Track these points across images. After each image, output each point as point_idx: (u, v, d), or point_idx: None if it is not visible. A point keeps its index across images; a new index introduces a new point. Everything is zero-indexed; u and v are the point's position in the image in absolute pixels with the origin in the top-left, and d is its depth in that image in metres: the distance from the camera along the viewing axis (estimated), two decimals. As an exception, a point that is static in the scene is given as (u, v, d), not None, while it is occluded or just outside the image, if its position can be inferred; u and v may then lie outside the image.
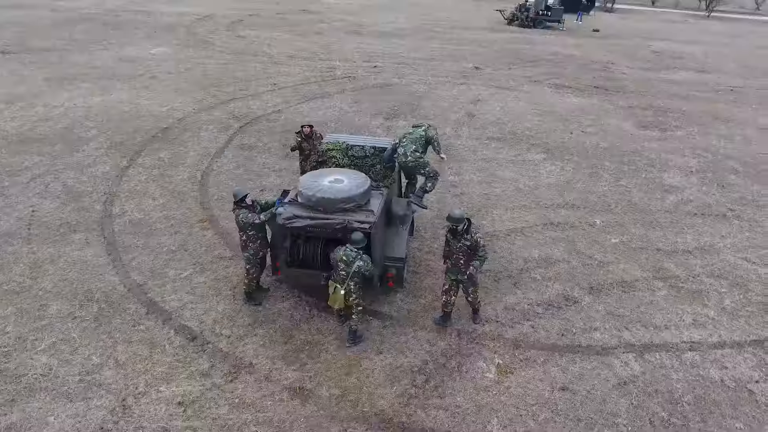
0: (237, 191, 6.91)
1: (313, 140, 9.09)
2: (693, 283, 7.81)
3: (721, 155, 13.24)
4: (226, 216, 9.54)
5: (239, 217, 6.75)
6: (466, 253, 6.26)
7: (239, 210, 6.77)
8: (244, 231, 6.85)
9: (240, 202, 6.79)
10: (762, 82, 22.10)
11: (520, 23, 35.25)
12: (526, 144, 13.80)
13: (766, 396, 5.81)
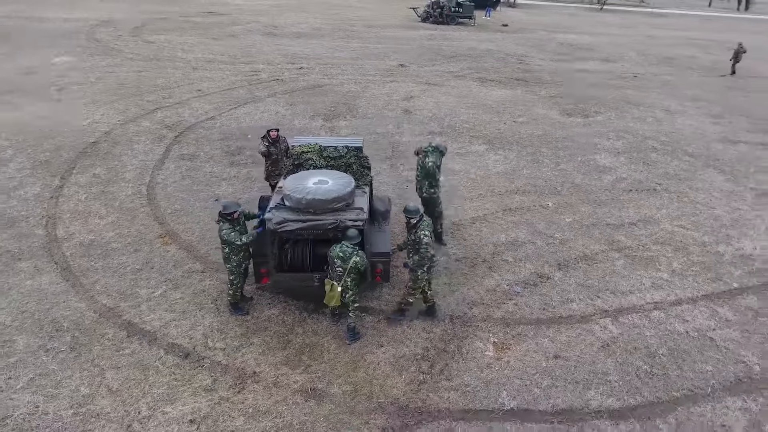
0: (227, 204, 6.85)
1: (279, 144, 9.14)
2: (644, 251, 8.84)
3: (640, 136, 14.83)
4: (186, 229, 9.34)
5: (221, 232, 6.70)
6: (413, 247, 6.64)
7: (223, 224, 6.73)
8: (227, 244, 6.81)
9: (226, 216, 6.75)
10: (659, 68, 24.78)
11: (434, 20, 36.61)
12: (467, 136, 14.59)
13: (724, 340, 6.81)
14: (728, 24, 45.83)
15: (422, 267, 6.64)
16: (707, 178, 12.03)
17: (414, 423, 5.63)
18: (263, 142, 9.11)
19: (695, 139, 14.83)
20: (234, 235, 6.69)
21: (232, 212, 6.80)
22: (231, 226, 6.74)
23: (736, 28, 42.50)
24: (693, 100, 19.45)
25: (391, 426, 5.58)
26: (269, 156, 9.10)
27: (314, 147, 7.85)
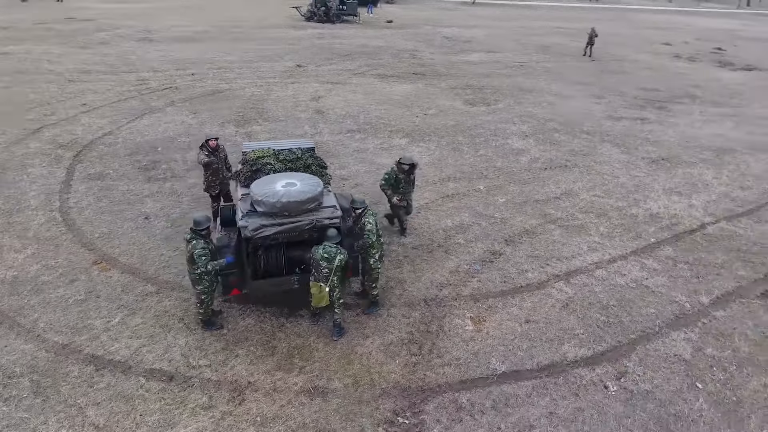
0: (199, 220, 6.71)
1: (219, 153, 9.03)
2: (573, 221, 10.06)
3: (541, 119, 16.49)
4: (123, 252, 8.92)
5: (195, 250, 6.57)
6: (359, 234, 7.05)
7: (197, 241, 6.61)
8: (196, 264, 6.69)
9: (200, 232, 6.64)
10: (538, 56, 27.37)
11: (319, 19, 36.96)
12: (385, 131, 15.24)
13: (657, 286, 8.08)
14: (589, 14, 51.41)
15: (366, 251, 6.98)
16: (606, 152, 13.80)
17: (420, 401, 6.07)
18: (203, 152, 8.94)
19: (586, 118, 16.82)
20: (204, 259, 6.55)
21: (206, 227, 6.71)
22: (205, 243, 6.63)
23: (597, 17, 47.88)
24: (574, 83, 21.87)
25: (400, 407, 5.96)
26: (209, 166, 8.94)
27: (269, 151, 7.93)
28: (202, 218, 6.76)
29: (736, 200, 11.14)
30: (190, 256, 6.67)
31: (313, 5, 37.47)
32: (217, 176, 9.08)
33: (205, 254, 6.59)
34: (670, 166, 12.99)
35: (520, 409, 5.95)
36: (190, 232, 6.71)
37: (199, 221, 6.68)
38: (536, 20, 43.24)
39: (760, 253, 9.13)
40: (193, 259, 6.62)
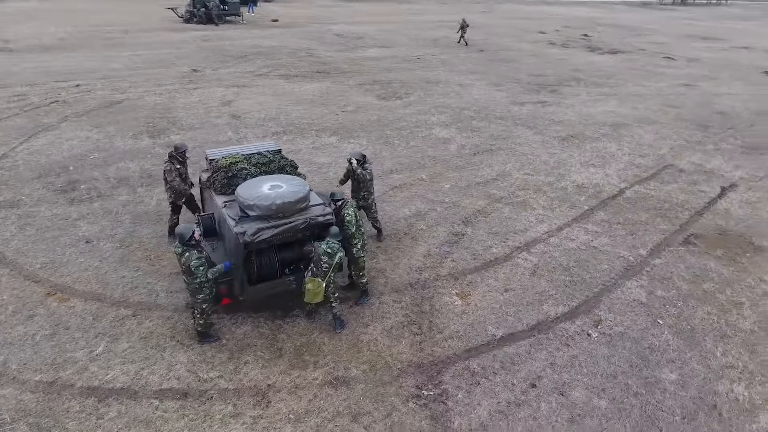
0: (183, 232, 6.66)
1: (186, 162, 8.93)
2: (515, 198, 11.19)
3: (455, 108, 17.72)
4: (77, 280, 8.48)
5: (191, 261, 6.56)
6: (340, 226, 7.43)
7: (190, 253, 6.60)
8: (194, 275, 6.69)
9: (188, 242, 6.62)
10: (431, 49, 28.94)
11: (200, 20, 35.75)
12: (311, 131, 15.53)
13: (603, 246, 9.38)
14: (461, 6, 54.71)
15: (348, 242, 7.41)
16: (521, 135, 15.28)
17: (436, 373, 6.65)
18: (173, 164, 8.75)
19: (494, 105, 18.36)
20: (202, 269, 6.58)
21: (191, 235, 6.70)
22: (199, 254, 6.64)
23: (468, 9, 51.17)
24: (471, 73, 23.57)
25: (421, 382, 6.50)
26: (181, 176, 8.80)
27: (239, 157, 8.00)
28: (185, 230, 6.73)
29: (640, 167, 13.03)
30: (186, 268, 6.63)
31: (191, 6, 36.10)
32: (186, 183, 8.98)
33: (202, 264, 6.61)
34: (579, 142, 14.74)
35: (525, 365, 6.77)
36: (180, 246, 6.66)
37: (183, 233, 6.65)
38: (416, 15, 45.31)
39: (671, 209, 10.88)
40: (190, 271, 6.61)
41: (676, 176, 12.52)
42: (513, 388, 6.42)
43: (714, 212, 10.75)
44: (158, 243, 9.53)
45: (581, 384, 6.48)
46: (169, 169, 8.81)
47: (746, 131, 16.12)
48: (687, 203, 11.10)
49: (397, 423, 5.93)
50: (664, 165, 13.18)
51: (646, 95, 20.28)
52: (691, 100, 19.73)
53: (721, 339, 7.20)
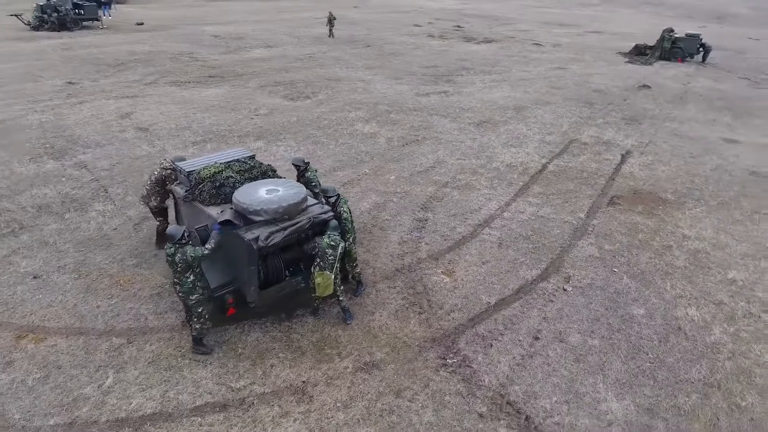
0: (173, 233, 6.76)
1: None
2: (459, 182, 12.28)
3: (369, 104, 18.51)
4: (46, 317, 8.02)
5: (187, 255, 6.67)
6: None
7: (181, 248, 6.70)
8: (191, 269, 6.81)
9: (179, 241, 6.72)
10: (319, 47, 29.38)
11: (51, 27, 32.73)
12: (234, 137, 15.43)
13: (548, 214, 10.76)
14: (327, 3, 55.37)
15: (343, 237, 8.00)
16: (439, 123, 16.50)
17: (452, 343, 7.44)
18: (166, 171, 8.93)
19: (403, 98, 19.44)
20: (198, 249, 6.74)
21: (182, 235, 6.80)
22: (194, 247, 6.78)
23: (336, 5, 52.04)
24: (368, 68, 24.49)
25: (441, 353, 7.24)
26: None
27: (220, 166, 8.06)
28: (176, 230, 6.83)
29: (551, 143, 14.84)
30: (183, 265, 6.71)
31: (40, 12, 32.84)
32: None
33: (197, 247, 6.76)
34: (492, 126, 16.30)
35: (523, 323, 7.79)
36: (172, 246, 6.74)
37: (173, 234, 6.76)
38: (290, 12, 45.21)
39: (590, 177, 12.67)
40: (186, 268, 6.70)
41: (582, 149, 14.47)
42: (521, 344, 7.39)
43: (622, 176, 12.72)
44: (121, 267, 9.20)
45: (573, 330, 7.64)
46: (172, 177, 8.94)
47: (623, 105, 18.87)
48: (599, 171, 12.98)
49: (437, 391, 6.62)
50: (569, 140, 15.12)
51: (531, 79, 22.67)
52: (570, 81, 22.45)
53: (666, 276, 8.83)
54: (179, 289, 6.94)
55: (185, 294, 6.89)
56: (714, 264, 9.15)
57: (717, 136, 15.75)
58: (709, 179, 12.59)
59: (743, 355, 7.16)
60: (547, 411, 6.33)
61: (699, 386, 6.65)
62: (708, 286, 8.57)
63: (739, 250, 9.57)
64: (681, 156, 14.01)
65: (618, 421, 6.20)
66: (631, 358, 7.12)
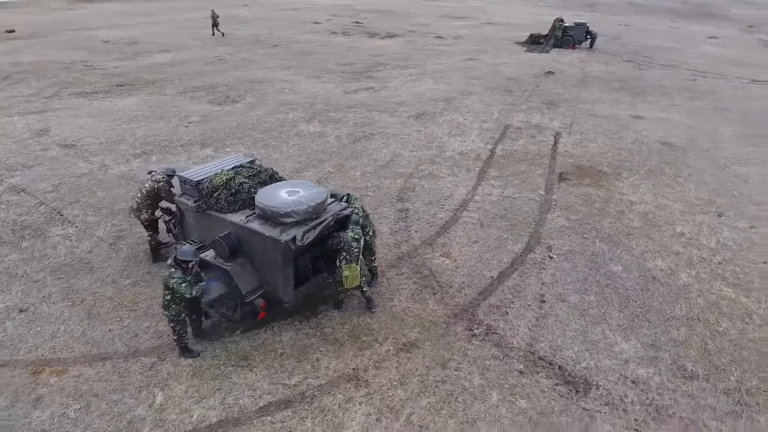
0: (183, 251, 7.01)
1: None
2: (422, 172, 13.13)
3: (304, 104, 18.80)
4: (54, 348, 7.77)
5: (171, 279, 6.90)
6: None
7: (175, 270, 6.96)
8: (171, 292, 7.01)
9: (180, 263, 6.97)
10: (227, 49, 28.85)
11: None
12: (177, 146, 15.14)
13: (513, 194, 11.94)
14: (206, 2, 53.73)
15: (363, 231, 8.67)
16: (381, 119, 17.27)
17: (472, 316, 8.28)
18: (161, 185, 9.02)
19: (334, 96, 19.95)
20: (185, 286, 6.93)
21: (186, 261, 7.00)
22: (183, 275, 6.95)
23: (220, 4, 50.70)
24: (285, 68, 24.62)
25: (468, 326, 8.07)
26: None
27: (230, 173, 8.22)
28: (187, 250, 7.02)
29: (490, 130, 16.20)
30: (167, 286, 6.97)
31: None
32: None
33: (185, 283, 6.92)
34: (430, 118, 17.37)
35: (527, 288, 8.85)
36: (173, 261, 7.00)
37: (183, 252, 6.97)
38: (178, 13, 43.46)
39: (535, 157, 14.13)
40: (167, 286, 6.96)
41: (518, 133, 15.97)
42: (531, 308, 8.43)
43: (561, 154, 14.33)
44: (117, 288, 9.03)
45: (570, 290, 8.83)
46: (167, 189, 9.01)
47: (537, 91, 20.84)
48: (540, 151, 14.50)
49: (476, 358, 7.44)
50: (504, 126, 16.58)
51: (448, 71, 24.13)
52: (484, 71, 24.21)
53: (629, 236, 10.34)
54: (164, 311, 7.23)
55: (161, 306, 7.22)
56: (662, 222, 10.84)
57: (624, 113, 18.05)
58: (633, 152, 14.58)
59: (708, 291, 8.74)
60: (574, 359, 7.39)
61: (684, 321, 8.08)
62: (664, 241, 10.19)
63: (677, 209, 11.39)
64: (603, 133, 15.98)
65: (632, 358, 7.41)
66: (624, 306, 8.42)
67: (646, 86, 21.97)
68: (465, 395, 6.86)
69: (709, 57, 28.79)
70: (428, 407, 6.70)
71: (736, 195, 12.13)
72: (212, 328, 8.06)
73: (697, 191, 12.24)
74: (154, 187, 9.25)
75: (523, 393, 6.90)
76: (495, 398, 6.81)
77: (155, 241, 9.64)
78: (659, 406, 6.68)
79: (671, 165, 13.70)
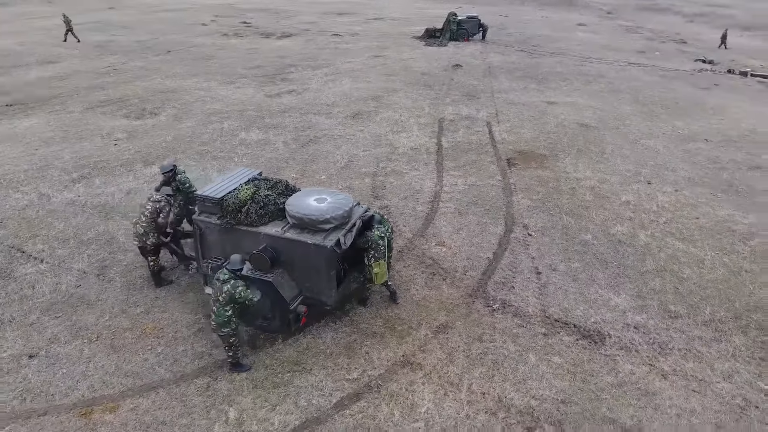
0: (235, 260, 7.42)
1: None
2: (385, 170, 14.00)
3: (233, 111, 18.74)
4: (90, 388, 7.75)
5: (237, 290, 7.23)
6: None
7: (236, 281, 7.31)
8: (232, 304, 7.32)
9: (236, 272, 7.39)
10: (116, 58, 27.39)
11: None
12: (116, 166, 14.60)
13: (475, 181, 13.24)
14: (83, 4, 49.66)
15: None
16: (318, 121, 17.81)
17: (483, 293, 9.41)
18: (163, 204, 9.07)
19: (259, 101, 20.05)
20: (250, 292, 7.37)
21: (240, 269, 7.44)
22: (245, 283, 7.39)
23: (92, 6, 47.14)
24: (192, 75, 24.07)
25: (484, 303, 9.19)
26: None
27: (250, 186, 8.54)
28: (236, 259, 7.43)
29: (427, 125, 17.45)
30: (229, 299, 7.25)
31: None
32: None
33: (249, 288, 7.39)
34: (367, 117, 18.25)
35: (521, 264, 10.14)
36: (228, 273, 7.32)
37: (234, 261, 7.40)
38: (37, 19, 39.85)
39: (478, 147, 15.58)
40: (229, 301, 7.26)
41: (454, 125, 17.40)
42: (531, 279, 9.75)
43: (500, 142, 15.95)
44: (132, 318, 8.99)
45: (557, 260, 10.29)
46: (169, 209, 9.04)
47: (453, 84, 22.50)
48: (481, 141, 16.02)
49: (504, 328, 8.57)
50: (438, 119, 17.94)
51: (361, 69, 25.06)
52: (396, 67, 25.46)
53: (587, 209, 12.08)
54: (213, 319, 7.43)
55: (218, 326, 7.39)
56: (608, 194, 12.76)
57: (537, 100, 20.25)
58: (559, 134, 16.61)
59: (665, 247, 10.65)
60: (583, 317, 8.81)
61: (655, 273, 9.86)
62: (616, 209, 12.06)
63: (615, 181, 13.41)
64: (527, 119, 17.92)
65: (627, 308, 8.99)
66: (605, 268, 10.04)
67: (545, 73, 24.59)
68: (508, 361, 7.97)
69: (586, 43, 32.59)
70: (482, 376, 7.71)
71: (653, 165, 14.49)
72: (251, 340, 8.39)
73: (624, 164, 14.43)
74: (156, 208, 9.24)
75: (553, 351, 8.15)
76: (533, 359, 7.99)
77: (158, 265, 9.62)
78: (661, 343, 8.28)
79: (594, 143, 15.88)
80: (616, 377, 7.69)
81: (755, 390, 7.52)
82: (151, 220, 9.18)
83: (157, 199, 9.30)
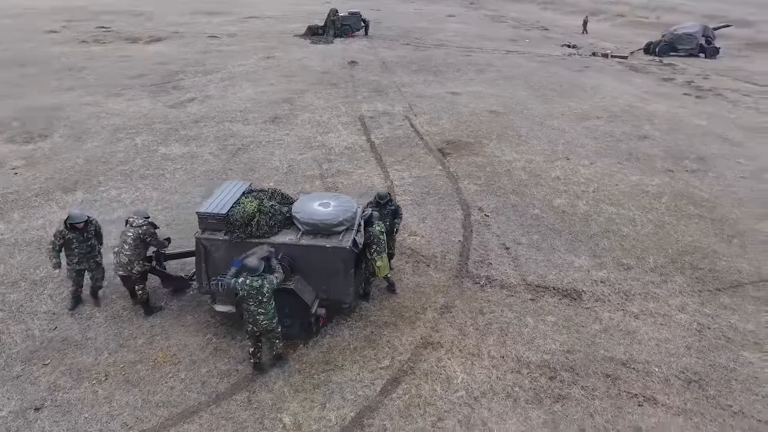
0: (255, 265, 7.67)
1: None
2: (330, 171, 14.64)
3: (141, 125, 18.09)
4: (132, 422, 7.83)
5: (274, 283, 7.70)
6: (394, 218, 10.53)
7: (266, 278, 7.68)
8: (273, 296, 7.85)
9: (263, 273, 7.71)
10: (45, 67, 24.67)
11: None
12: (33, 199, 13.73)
13: (420, 174, 14.39)
14: None
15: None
16: (239, 129, 17.84)
17: (468, 273, 10.61)
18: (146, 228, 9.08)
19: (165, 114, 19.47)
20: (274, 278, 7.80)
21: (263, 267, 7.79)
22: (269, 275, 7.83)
23: None
24: (69, 89, 22.54)
25: (471, 281, 10.40)
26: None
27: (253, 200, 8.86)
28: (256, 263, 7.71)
29: (351, 123, 18.25)
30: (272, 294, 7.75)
31: None
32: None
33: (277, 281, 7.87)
34: (287, 121, 18.62)
35: (489, 243, 11.47)
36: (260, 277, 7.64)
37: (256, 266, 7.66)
38: None
39: (408, 141, 16.75)
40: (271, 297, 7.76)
41: (375, 121, 18.43)
42: (503, 254, 11.15)
43: (424, 134, 17.28)
44: (138, 351, 8.92)
45: (518, 234, 11.80)
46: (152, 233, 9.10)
47: (356, 81, 23.45)
48: (408, 135, 17.23)
49: (498, 300, 9.84)
50: (359, 117, 18.85)
51: (257, 72, 25.07)
52: (292, 67, 25.80)
53: (527, 187, 13.78)
54: (263, 318, 7.83)
55: (269, 320, 7.86)
56: (539, 172, 14.61)
57: (441, 91, 21.95)
58: (476, 122, 18.34)
59: (601, 212, 12.64)
60: (557, 279, 10.37)
61: (601, 234, 11.74)
62: (551, 184, 13.91)
63: (540, 160, 15.33)
64: (441, 110, 19.47)
65: (589, 267, 10.71)
66: (559, 236, 11.74)
67: (438, 65, 26.47)
68: (512, 326, 9.25)
69: (462, 34, 35.29)
70: (495, 343, 8.90)
71: (565, 143, 16.72)
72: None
73: (540, 145, 16.48)
74: (139, 234, 9.14)
75: (545, 312, 9.58)
76: (532, 322, 9.35)
77: (146, 293, 9.56)
78: (625, 291, 10.08)
79: (509, 128, 17.83)
80: (601, 324, 9.28)
81: (703, 315, 9.53)
82: (135, 246, 9.07)
83: (140, 224, 9.18)
